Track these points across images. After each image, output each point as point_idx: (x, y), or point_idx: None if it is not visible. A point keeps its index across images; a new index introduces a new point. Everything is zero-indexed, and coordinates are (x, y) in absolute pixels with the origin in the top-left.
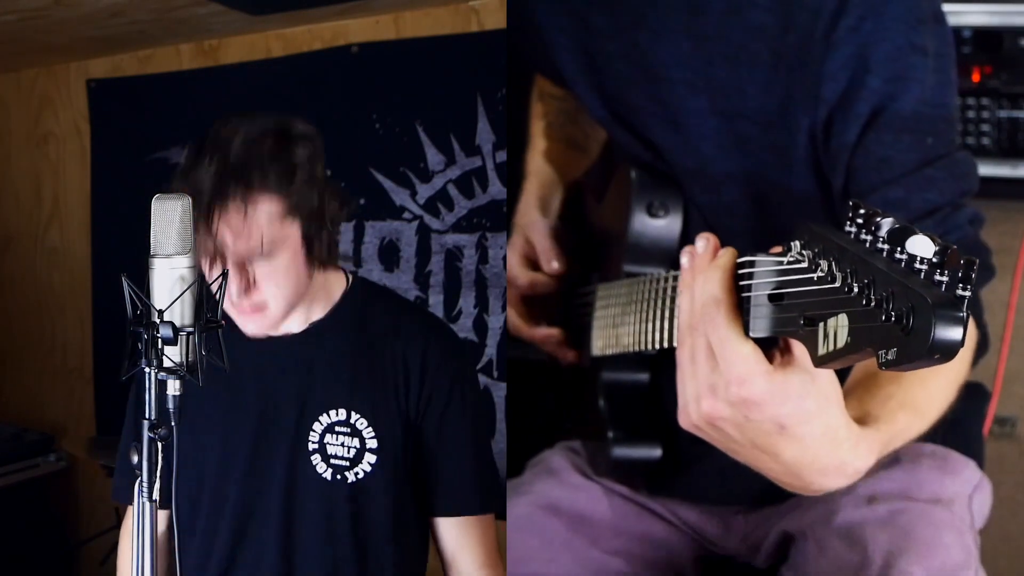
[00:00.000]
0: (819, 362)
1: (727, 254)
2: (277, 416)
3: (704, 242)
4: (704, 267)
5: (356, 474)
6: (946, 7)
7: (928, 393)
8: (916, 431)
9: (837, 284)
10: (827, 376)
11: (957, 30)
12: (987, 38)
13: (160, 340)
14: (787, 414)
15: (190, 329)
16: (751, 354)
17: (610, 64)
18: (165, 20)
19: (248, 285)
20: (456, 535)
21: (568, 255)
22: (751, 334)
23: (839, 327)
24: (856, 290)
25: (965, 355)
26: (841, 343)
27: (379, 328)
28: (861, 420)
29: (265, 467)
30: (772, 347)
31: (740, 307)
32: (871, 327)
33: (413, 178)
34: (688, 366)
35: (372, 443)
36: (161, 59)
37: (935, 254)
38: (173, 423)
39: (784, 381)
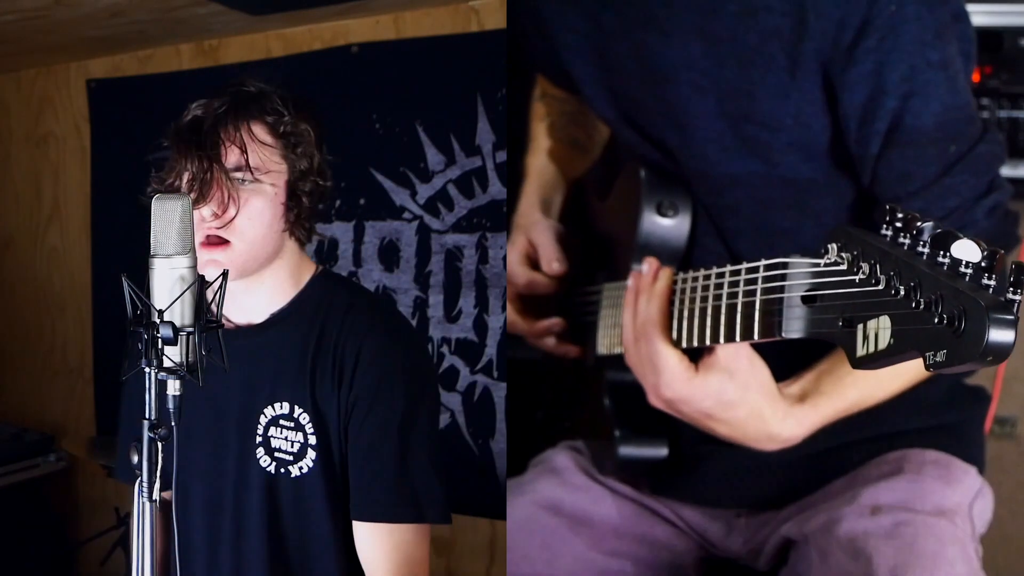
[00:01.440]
0: (858, 363)
1: (664, 278)
2: (229, 407)
3: (647, 266)
4: (647, 289)
5: (300, 468)
6: None
7: (896, 369)
8: (873, 401)
9: (881, 287)
10: (747, 370)
11: None
12: (987, 38)
13: (160, 340)
14: (709, 407)
15: (190, 329)
16: (676, 364)
17: (620, 63)
18: (165, 20)
19: (223, 204)
20: (369, 542)
21: (570, 256)
22: (784, 335)
23: (880, 329)
24: (902, 292)
25: None
26: (883, 345)
27: (329, 320)
28: (806, 395)
29: (221, 460)
30: (703, 351)
31: (670, 321)
32: (917, 329)
33: (413, 178)
34: (638, 368)
35: (313, 439)
36: (161, 59)
37: (983, 259)
38: (173, 423)
39: (703, 382)
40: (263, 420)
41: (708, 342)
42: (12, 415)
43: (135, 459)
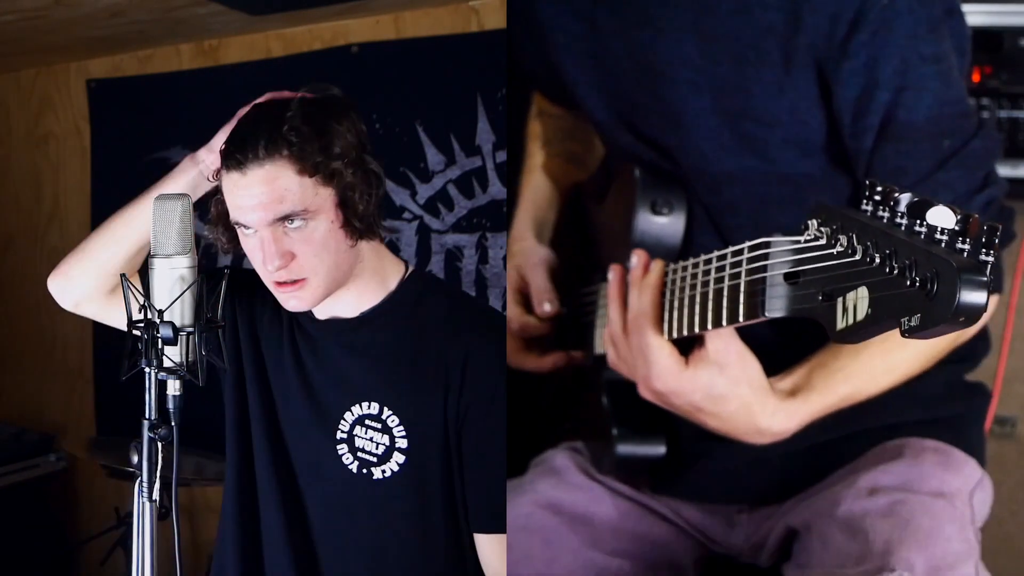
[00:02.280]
0: (838, 337)
1: (656, 271)
2: (311, 399)
3: (636, 259)
4: (637, 282)
5: (384, 472)
6: None
7: (888, 363)
8: (865, 395)
9: (858, 257)
10: (737, 364)
11: None
12: (987, 38)
13: (160, 340)
14: (699, 399)
15: (190, 329)
16: (668, 356)
17: (615, 63)
18: (165, 20)
19: (285, 256)
20: (494, 553)
21: (561, 292)
22: (767, 314)
23: (859, 299)
24: (878, 261)
25: None
26: (861, 315)
27: (429, 323)
28: (797, 390)
29: (289, 446)
30: (694, 344)
31: (662, 312)
32: (893, 295)
33: (413, 178)
34: (625, 363)
35: (402, 443)
36: (161, 59)
37: (956, 223)
38: (173, 423)
39: (693, 376)
40: (349, 417)
41: (697, 329)
42: (12, 415)
43: (135, 459)
